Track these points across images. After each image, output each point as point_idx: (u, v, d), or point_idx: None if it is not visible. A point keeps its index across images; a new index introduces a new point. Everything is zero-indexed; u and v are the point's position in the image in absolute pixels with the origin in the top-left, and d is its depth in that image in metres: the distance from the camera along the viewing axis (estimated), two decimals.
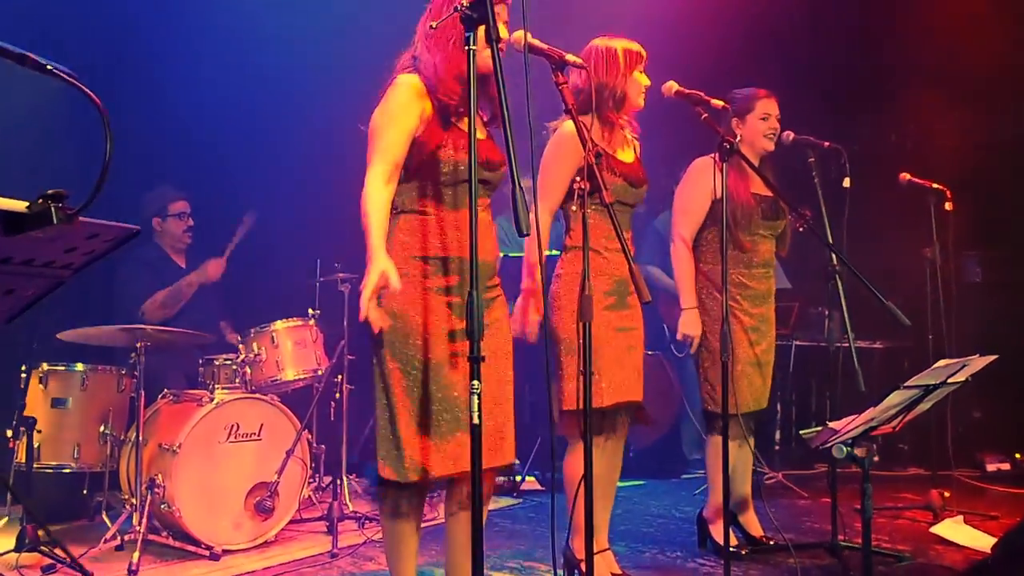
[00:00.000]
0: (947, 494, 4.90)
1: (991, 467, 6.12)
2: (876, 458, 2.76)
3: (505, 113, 2.08)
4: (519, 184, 2.07)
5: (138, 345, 4.11)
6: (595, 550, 3.56)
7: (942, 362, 2.51)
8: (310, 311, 4.83)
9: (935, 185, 4.94)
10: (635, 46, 3.54)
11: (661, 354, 6.06)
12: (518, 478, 5.47)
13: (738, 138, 4.14)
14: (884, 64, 7.06)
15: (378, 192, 2.61)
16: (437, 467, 2.63)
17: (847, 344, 3.86)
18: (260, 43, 5.63)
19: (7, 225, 1.69)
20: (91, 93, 1.73)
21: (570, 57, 2.70)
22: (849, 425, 2.52)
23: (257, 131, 5.46)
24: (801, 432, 2.73)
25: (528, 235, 2.09)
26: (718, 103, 3.48)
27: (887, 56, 7.01)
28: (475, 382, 2.09)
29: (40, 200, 1.70)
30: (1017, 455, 6.21)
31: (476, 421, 2.09)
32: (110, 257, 4.70)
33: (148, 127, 5.28)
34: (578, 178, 2.70)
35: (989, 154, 6.54)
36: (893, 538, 4.45)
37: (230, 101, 5.47)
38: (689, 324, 4.03)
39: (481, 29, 2.17)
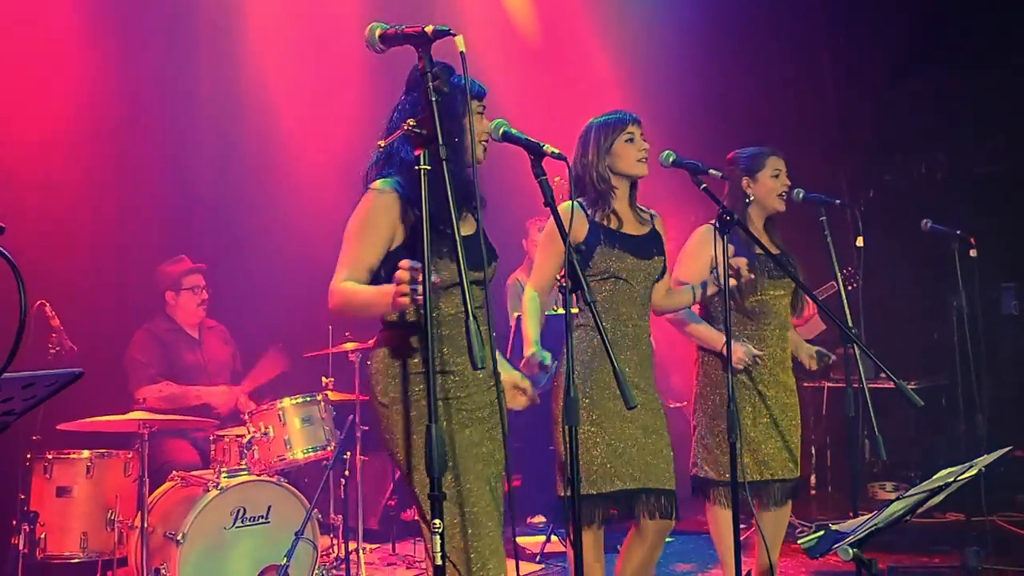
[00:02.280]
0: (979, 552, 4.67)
1: None
2: None
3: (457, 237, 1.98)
4: (473, 316, 1.96)
5: (143, 431, 4.08)
6: None
7: (943, 472, 2.36)
8: (323, 379, 4.78)
9: (959, 232, 4.77)
10: (615, 116, 3.48)
11: (682, 407, 5.92)
12: (539, 539, 5.36)
13: (750, 199, 4.04)
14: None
15: (345, 284, 2.52)
16: None
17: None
18: (272, 110, 5.65)
19: None
20: (4, 252, 1.67)
21: (547, 148, 2.60)
22: (853, 529, 2.38)
23: (268, 200, 5.44)
24: (799, 542, 2.58)
25: (482, 368, 1.99)
26: (716, 172, 3.36)
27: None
28: (436, 521, 1.98)
29: None
30: None
31: (439, 563, 1.97)
32: (120, 334, 4.69)
33: (159, 197, 5.30)
34: (558, 276, 2.59)
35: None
36: None
37: (243, 172, 5.49)
38: (737, 350, 3.77)
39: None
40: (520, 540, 5.54)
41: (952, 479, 2.40)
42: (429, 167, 2.04)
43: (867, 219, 7.22)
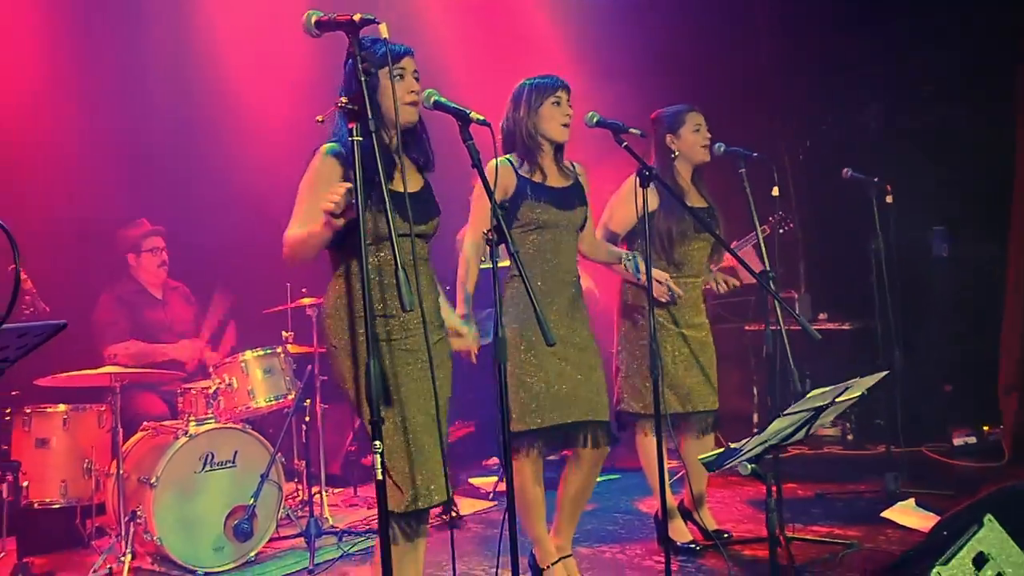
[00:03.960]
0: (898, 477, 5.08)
1: (958, 441, 6.26)
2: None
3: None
4: (401, 266, 2.27)
5: (115, 384, 4.37)
6: (552, 559, 3.85)
7: (815, 391, 2.69)
8: (284, 334, 5.07)
9: (876, 179, 5.11)
10: (547, 80, 3.75)
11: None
12: (494, 479, 5.71)
13: (675, 153, 4.37)
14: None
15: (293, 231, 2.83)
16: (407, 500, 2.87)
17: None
18: (226, 69, 5.81)
19: None
20: (2, 224, 1.95)
21: (473, 115, 2.87)
22: (745, 447, 2.71)
23: (224, 163, 5.63)
24: (699, 458, 2.91)
25: (411, 310, 2.30)
26: (635, 131, 3.64)
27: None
28: (376, 442, 2.29)
29: None
30: (985, 428, 6.37)
31: (380, 477, 2.29)
32: (85, 296, 4.94)
33: (121, 160, 5.49)
34: (485, 230, 2.87)
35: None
36: (847, 523, 4.64)
37: (197, 136, 5.66)
38: (659, 285, 4.13)
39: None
40: (474, 480, 5.90)
41: (830, 399, 2.74)
42: (361, 138, 2.33)
43: (806, 168, 7.63)
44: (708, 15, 7.03)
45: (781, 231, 5.33)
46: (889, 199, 5.10)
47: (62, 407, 4.52)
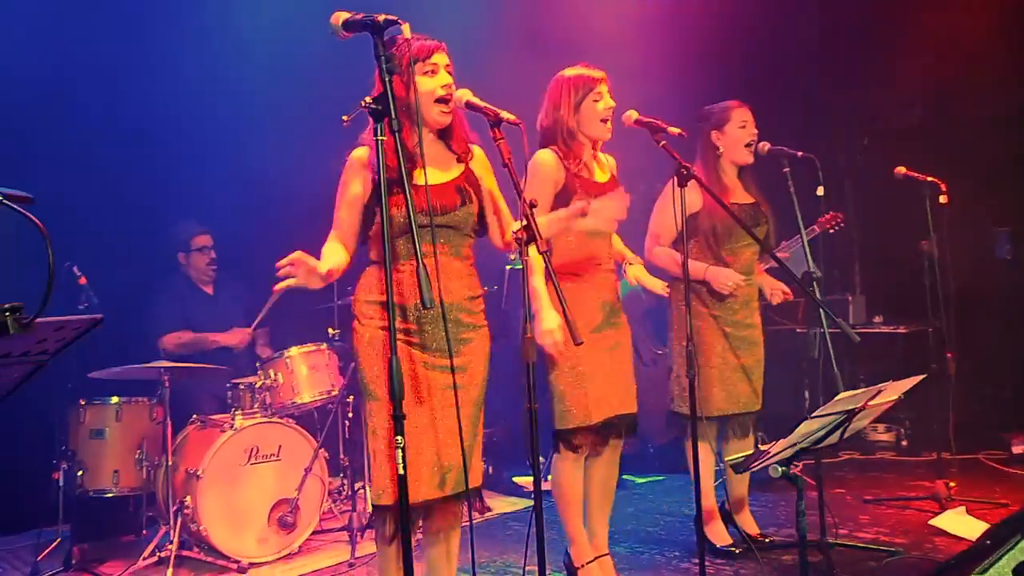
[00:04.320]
0: (952, 484, 4.97)
1: (1017, 449, 6.10)
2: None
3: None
4: (422, 262, 2.31)
5: (164, 378, 4.49)
6: (588, 559, 3.86)
7: (843, 394, 2.65)
8: (330, 330, 5.16)
9: (930, 178, 5.00)
10: (586, 72, 3.73)
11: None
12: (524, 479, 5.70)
13: (719, 150, 4.34)
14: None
15: (327, 246, 2.95)
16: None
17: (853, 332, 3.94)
18: (279, 73, 5.90)
19: None
20: (34, 218, 2.02)
21: (504, 114, 2.89)
22: (774, 449, 2.69)
23: (275, 158, 5.70)
24: (726, 459, 2.89)
25: (431, 307, 2.34)
26: (675, 130, 3.62)
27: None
28: (399, 438, 2.33)
29: None
30: None
31: (401, 472, 2.33)
32: (139, 293, 5.09)
33: (169, 161, 5.62)
34: (515, 229, 2.89)
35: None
36: (893, 531, 4.56)
37: (250, 129, 5.74)
38: (719, 275, 4.18)
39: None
40: (517, 479, 5.93)
41: (862, 402, 2.70)
42: (384, 137, 2.38)
43: (863, 167, 7.49)
44: (761, 13, 6.95)
45: (832, 231, 5.24)
46: (943, 199, 4.97)
47: (115, 399, 4.66)
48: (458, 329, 3.00)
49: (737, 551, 4.29)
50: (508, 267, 5.75)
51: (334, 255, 2.93)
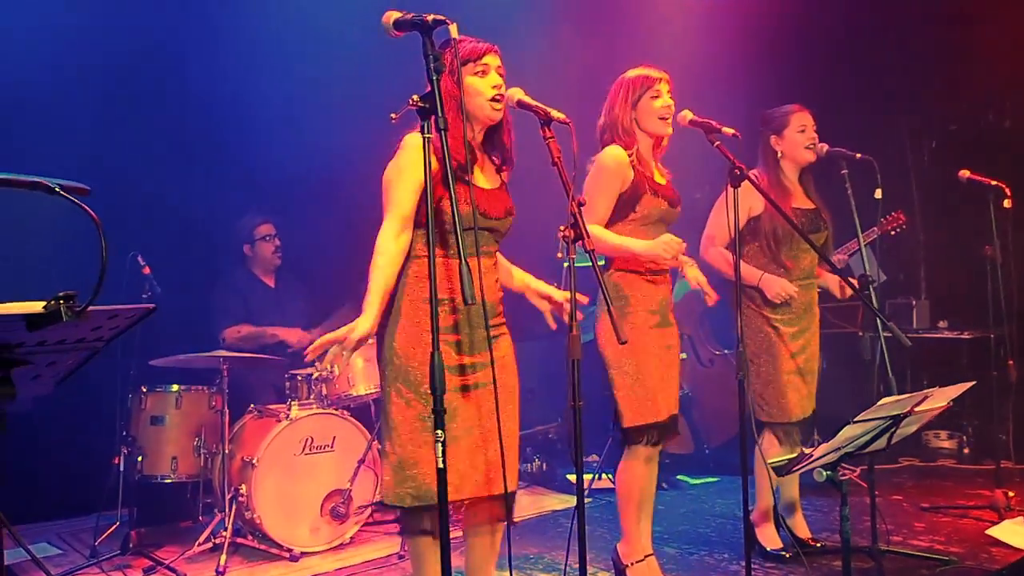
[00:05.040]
0: (1011, 493, 4.86)
1: None
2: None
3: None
4: (465, 260, 2.34)
5: (223, 367, 4.60)
6: (638, 557, 3.86)
7: (886, 399, 2.61)
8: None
9: (994, 182, 4.89)
10: (644, 72, 3.75)
11: (732, 353, 6.18)
12: (590, 476, 5.72)
13: (779, 154, 4.30)
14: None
15: (388, 244, 2.88)
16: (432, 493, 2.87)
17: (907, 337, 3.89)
18: (341, 66, 5.97)
19: (28, 323, 2.06)
20: (88, 208, 2.09)
21: (555, 113, 2.91)
22: (817, 453, 2.66)
23: (342, 157, 5.75)
24: (768, 462, 2.87)
25: (472, 303, 2.36)
26: (729, 131, 3.60)
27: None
28: (439, 431, 2.36)
29: (52, 301, 2.06)
30: None
31: (440, 466, 2.36)
32: (202, 284, 5.22)
33: (236, 154, 5.73)
34: (562, 227, 2.90)
35: None
36: (949, 539, 4.49)
37: (313, 123, 5.82)
38: (772, 284, 4.16)
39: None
40: (571, 476, 5.93)
41: (908, 408, 2.66)
42: (430, 135, 2.41)
43: (929, 170, 7.33)
44: (830, 11, 6.85)
45: (894, 232, 5.15)
46: (1007, 203, 4.85)
47: (175, 387, 4.77)
48: (491, 329, 3.03)
49: (787, 555, 4.25)
50: (566, 264, 5.75)
51: (393, 268, 2.92)
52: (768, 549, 4.29)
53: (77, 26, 5.18)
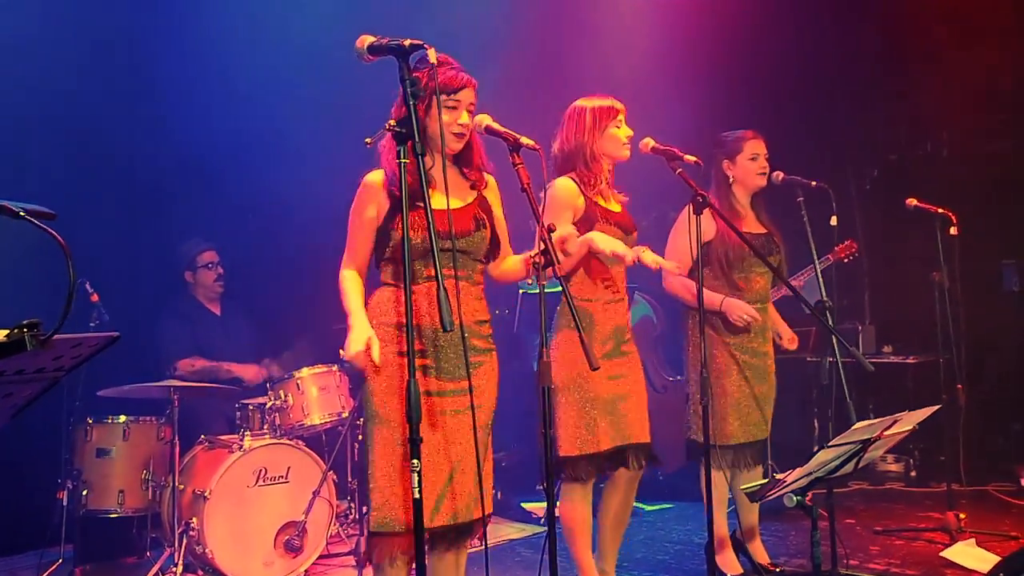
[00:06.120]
0: (963, 515, 4.93)
1: None
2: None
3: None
4: (442, 284, 2.31)
5: (174, 397, 4.47)
6: None
7: (860, 423, 2.63)
8: (340, 352, 5.11)
9: (940, 210, 5.00)
10: (607, 102, 3.78)
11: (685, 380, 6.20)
12: (544, 504, 5.66)
13: (730, 179, 4.35)
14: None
15: (345, 276, 3.02)
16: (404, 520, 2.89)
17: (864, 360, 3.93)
18: (288, 88, 5.89)
19: None
20: (55, 234, 2.01)
21: (524, 140, 2.91)
22: (789, 478, 2.66)
23: (288, 185, 5.69)
24: (742, 488, 2.87)
25: (450, 329, 2.33)
26: (691, 159, 3.64)
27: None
28: (415, 461, 2.31)
29: (15, 329, 1.97)
30: None
31: (416, 496, 2.31)
32: (148, 312, 5.08)
33: (172, 180, 5.61)
34: (533, 253, 2.89)
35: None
36: (905, 562, 4.54)
37: (256, 145, 5.71)
38: (735, 307, 4.15)
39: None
40: (526, 505, 5.88)
41: (877, 432, 2.68)
42: (407, 160, 2.38)
43: (873, 198, 7.50)
44: (777, 42, 6.97)
45: (847, 260, 5.24)
46: (954, 231, 4.96)
47: (123, 418, 4.63)
48: (469, 353, 2.99)
49: None
50: (521, 291, 5.75)
51: (357, 285, 3.02)
52: (728, 575, 4.28)
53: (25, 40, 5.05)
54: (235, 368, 5.28)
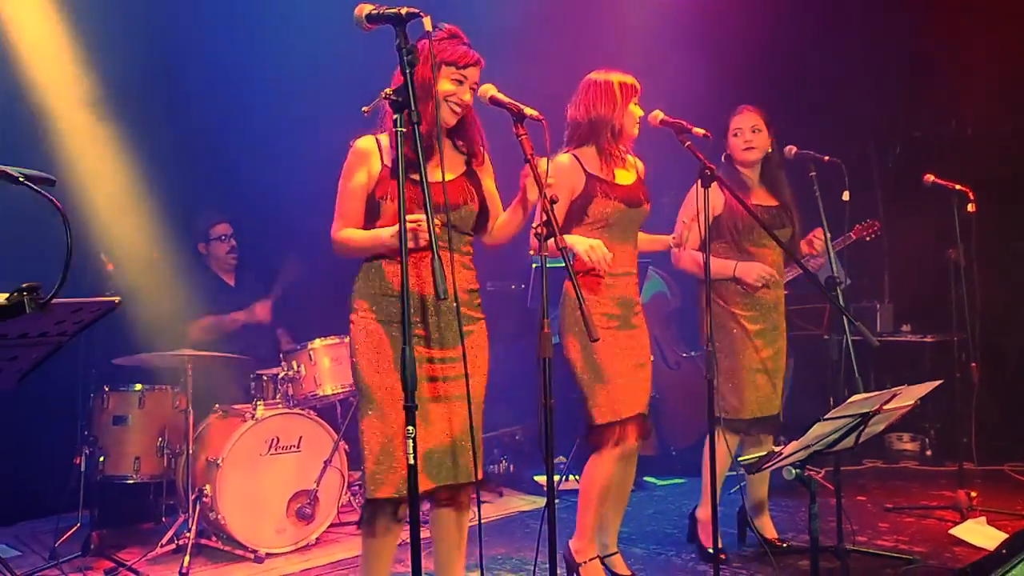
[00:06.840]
0: (974, 494, 4.92)
1: None
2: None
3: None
4: (437, 254, 2.33)
5: (187, 367, 4.54)
6: (595, 554, 3.86)
7: (856, 396, 2.63)
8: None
9: (958, 187, 4.95)
10: (630, 79, 3.76)
11: (699, 355, 6.20)
12: (558, 478, 5.71)
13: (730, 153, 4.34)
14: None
15: (344, 231, 3.03)
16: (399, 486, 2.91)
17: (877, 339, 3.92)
18: (296, 61, 5.90)
19: None
20: (53, 199, 2.04)
21: (528, 110, 2.91)
22: (787, 451, 2.67)
23: (298, 146, 5.70)
24: (740, 460, 2.88)
25: (444, 298, 2.35)
26: (699, 131, 3.62)
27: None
28: (409, 427, 2.33)
29: (15, 293, 2.01)
30: None
31: (412, 462, 2.33)
32: (162, 283, 5.14)
33: (187, 153, 5.63)
34: (536, 225, 2.90)
35: None
36: (913, 539, 4.53)
37: (269, 118, 5.74)
38: (749, 269, 4.17)
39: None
40: (538, 478, 5.92)
41: (876, 406, 2.67)
42: (404, 129, 2.39)
43: (895, 175, 7.42)
44: (803, 17, 6.90)
45: (868, 239, 5.20)
46: (971, 208, 4.91)
47: (138, 386, 4.71)
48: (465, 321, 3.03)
49: (724, 556, 4.22)
50: (534, 265, 5.74)
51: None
52: (708, 549, 4.26)
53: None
54: (241, 315, 5.37)
